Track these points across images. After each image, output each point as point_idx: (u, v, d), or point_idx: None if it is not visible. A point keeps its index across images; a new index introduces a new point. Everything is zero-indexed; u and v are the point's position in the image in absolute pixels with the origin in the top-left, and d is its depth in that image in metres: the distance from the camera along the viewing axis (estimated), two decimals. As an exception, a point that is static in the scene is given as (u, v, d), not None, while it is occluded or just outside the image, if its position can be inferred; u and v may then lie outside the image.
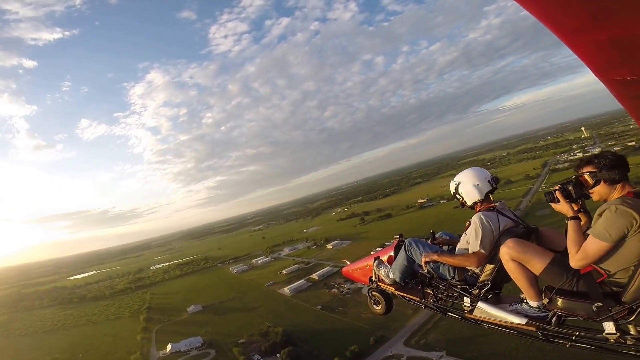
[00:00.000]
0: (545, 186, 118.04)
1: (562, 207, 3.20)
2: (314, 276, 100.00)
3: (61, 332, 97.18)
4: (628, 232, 2.71)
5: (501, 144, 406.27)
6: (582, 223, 3.15)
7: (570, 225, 3.07)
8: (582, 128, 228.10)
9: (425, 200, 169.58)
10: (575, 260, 2.95)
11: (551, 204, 3.30)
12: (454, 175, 4.40)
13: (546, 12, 1.61)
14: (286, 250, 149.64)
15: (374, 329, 63.64)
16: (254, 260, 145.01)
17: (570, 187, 3.18)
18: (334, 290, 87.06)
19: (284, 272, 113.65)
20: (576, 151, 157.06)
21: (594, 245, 2.82)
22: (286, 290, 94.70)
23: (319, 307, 79.07)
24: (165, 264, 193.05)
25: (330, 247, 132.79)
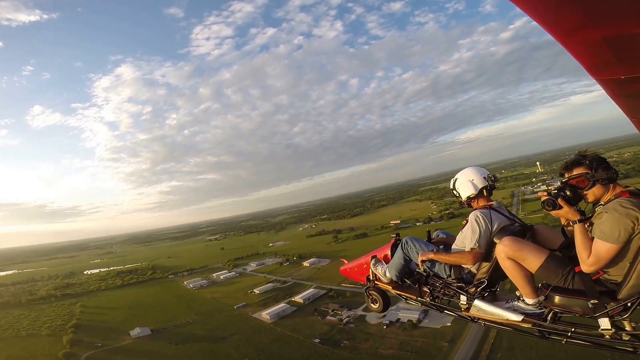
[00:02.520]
0: (525, 214, 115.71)
1: (567, 212, 3.05)
2: (298, 299, 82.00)
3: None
4: (634, 232, 2.69)
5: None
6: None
7: (578, 229, 2.95)
8: (537, 163, 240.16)
9: (399, 221, 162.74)
10: (588, 265, 2.86)
11: (552, 211, 3.13)
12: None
13: (541, 11, 1.60)
14: (253, 265, 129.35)
15: (405, 369, 47.54)
16: (214, 275, 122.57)
17: (568, 192, 3.07)
18: (329, 317, 70.03)
19: (256, 291, 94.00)
20: (538, 184, 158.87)
21: (604, 247, 2.76)
22: (264, 315, 75.23)
23: (317, 340, 60.80)
24: (102, 270, 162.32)
25: (307, 265, 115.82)
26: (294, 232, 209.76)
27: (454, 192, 4.31)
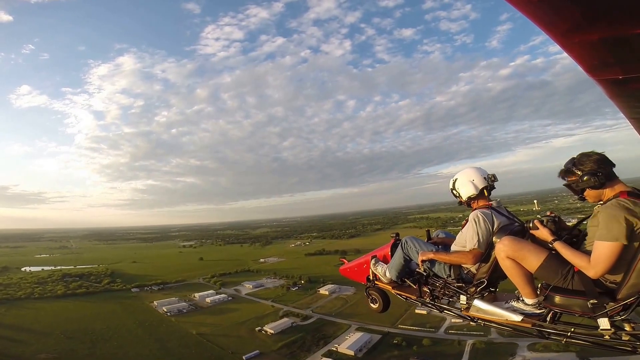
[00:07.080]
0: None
1: (541, 233, 3.18)
2: (344, 349, 50.93)
3: None
4: (631, 231, 2.62)
5: (438, 208, 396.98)
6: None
7: (558, 246, 2.98)
8: (535, 201, 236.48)
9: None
10: (594, 269, 2.73)
11: (532, 231, 3.27)
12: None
13: (538, 13, 1.56)
14: (249, 287, 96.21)
15: None
16: (196, 295, 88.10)
17: (545, 220, 3.21)
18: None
19: (269, 330, 61.38)
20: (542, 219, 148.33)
21: (608, 248, 2.66)
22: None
23: None
24: (46, 268, 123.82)
25: (326, 292, 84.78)
26: (284, 248, 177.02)
27: (454, 192, 4.13)
